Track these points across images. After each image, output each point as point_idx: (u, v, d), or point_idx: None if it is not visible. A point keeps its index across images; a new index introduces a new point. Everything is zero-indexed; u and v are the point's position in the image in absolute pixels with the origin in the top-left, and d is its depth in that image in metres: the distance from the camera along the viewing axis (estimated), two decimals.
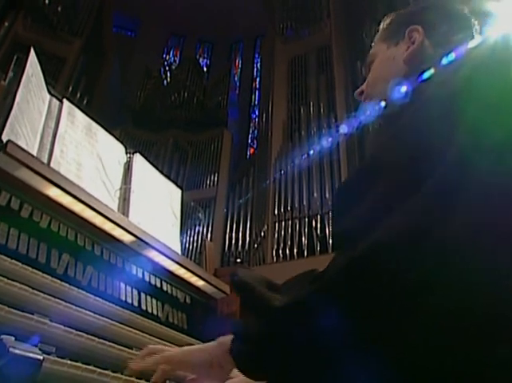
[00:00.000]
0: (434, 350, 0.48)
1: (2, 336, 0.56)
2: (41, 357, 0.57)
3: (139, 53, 10.83)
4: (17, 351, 0.54)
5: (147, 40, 11.02)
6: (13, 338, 0.56)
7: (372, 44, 0.97)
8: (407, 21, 0.89)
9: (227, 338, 0.69)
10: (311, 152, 6.60)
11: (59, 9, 8.25)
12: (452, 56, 0.67)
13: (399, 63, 0.86)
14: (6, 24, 7.29)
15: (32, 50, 1.17)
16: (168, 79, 10.28)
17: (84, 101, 7.81)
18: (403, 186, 0.55)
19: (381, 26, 0.97)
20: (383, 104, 0.71)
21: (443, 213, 0.50)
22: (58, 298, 0.90)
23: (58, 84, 7.09)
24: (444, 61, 0.67)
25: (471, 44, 0.67)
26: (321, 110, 7.15)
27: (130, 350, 0.97)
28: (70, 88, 7.70)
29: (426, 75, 0.67)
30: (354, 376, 0.50)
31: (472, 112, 0.55)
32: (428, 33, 0.85)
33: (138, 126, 9.36)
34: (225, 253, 7.37)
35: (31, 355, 0.56)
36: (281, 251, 6.06)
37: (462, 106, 0.56)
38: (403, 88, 0.69)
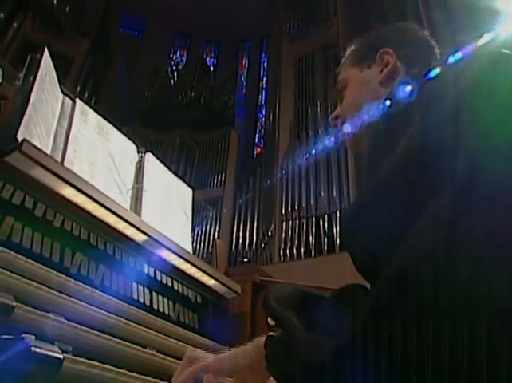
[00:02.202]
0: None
1: (23, 335, 0.56)
2: (62, 357, 0.57)
3: (146, 53, 10.85)
4: (38, 350, 0.54)
5: (154, 40, 11.04)
6: (33, 337, 0.56)
7: (338, 70, 0.98)
8: (376, 45, 0.92)
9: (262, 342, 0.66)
10: (318, 151, 6.58)
11: (67, 9, 8.29)
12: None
13: (374, 85, 0.88)
14: (15, 24, 7.33)
15: (46, 50, 1.17)
16: (175, 79, 10.29)
17: (92, 101, 7.84)
18: (419, 194, 0.54)
19: (347, 52, 0.99)
20: (387, 102, 0.71)
21: (463, 218, 0.49)
22: (73, 297, 0.90)
23: (66, 83, 7.11)
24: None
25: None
26: (328, 109, 7.12)
27: (144, 349, 0.98)
28: (78, 88, 7.74)
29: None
30: None
31: (482, 111, 0.54)
32: (398, 54, 0.88)
33: (145, 126, 9.38)
34: (232, 252, 7.37)
35: (52, 354, 0.56)
36: (288, 251, 6.06)
37: (472, 105, 0.55)
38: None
